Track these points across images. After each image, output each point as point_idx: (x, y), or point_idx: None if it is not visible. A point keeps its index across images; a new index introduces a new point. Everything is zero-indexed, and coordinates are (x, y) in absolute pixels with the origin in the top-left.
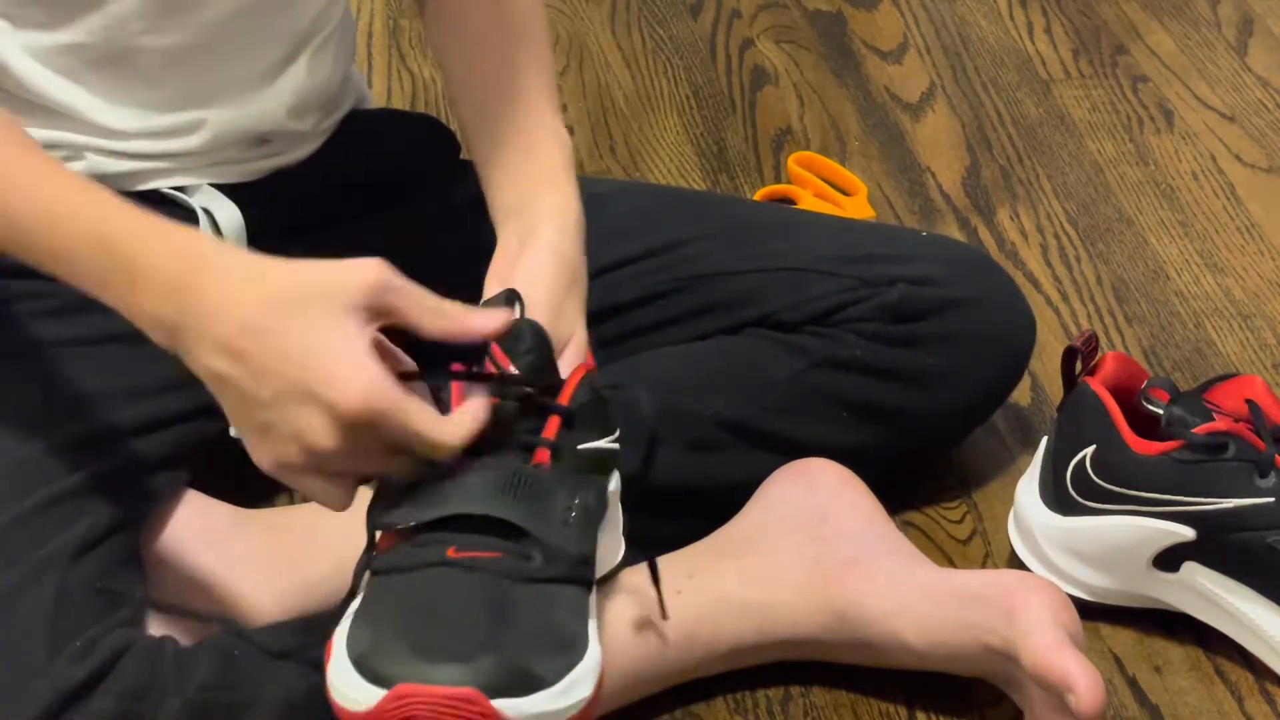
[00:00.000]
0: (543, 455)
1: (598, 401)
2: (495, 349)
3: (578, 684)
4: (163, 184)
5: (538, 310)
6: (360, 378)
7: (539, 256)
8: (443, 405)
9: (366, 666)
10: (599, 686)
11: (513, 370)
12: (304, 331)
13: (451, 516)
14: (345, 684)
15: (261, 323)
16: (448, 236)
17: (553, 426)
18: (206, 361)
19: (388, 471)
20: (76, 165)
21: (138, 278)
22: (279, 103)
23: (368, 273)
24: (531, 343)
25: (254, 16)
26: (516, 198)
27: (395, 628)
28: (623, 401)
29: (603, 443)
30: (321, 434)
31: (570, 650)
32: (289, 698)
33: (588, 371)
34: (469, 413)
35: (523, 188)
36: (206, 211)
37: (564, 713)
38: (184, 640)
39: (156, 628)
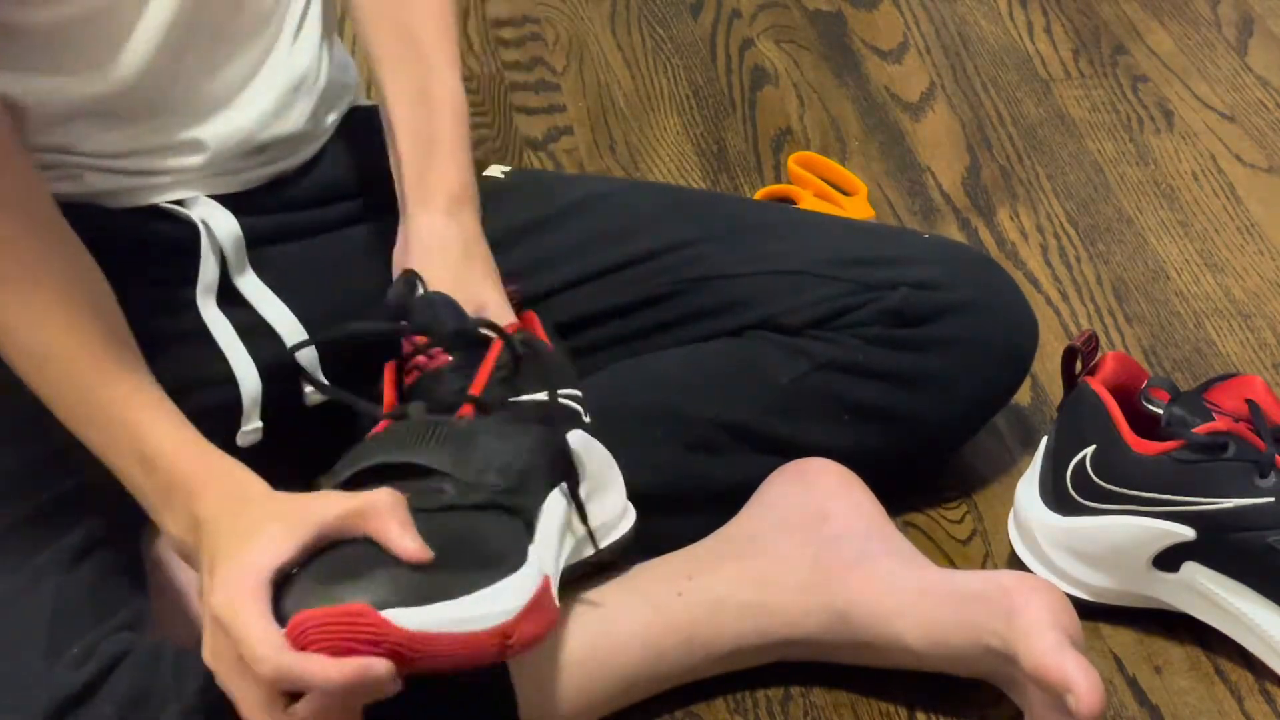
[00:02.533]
0: (466, 409)
1: (532, 357)
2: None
3: (496, 597)
4: (161, 199)
5: (438, 285)
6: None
7: (429, 237)
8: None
9: (280, 614)
10: (540, 608)
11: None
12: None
13: (366, 472)
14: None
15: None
16: None
17: (479, 382)
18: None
19: None
20: (72, 185)
21: (169, 505)
22: (266, 102)
23: None
24: (445, 313)
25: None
26: (407, 188)
27: (304, 574)
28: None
29: (539, 395)
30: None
31: (492, 567)
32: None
33: (519, 329)
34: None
35: (410, 178)
36: (204, 223)
37: (475, 623)
38: (184, 640)
39: (156, 630)
